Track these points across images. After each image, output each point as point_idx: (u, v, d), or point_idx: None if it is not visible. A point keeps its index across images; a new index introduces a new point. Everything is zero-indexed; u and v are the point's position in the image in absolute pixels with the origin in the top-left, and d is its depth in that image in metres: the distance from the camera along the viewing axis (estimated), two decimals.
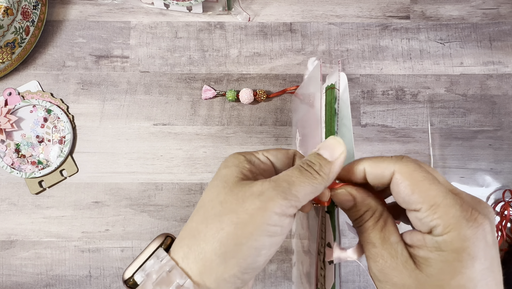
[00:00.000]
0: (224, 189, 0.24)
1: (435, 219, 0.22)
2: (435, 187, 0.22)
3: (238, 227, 0.22)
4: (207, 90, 0.51)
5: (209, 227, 0.23)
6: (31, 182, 0.50)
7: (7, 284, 0.50)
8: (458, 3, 0.54)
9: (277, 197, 0.23)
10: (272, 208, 0.22)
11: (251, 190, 0.23)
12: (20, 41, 0.50)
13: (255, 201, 0.23)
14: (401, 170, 0.23)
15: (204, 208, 0.24)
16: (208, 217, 0.24)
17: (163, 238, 0.26)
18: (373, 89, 0.52)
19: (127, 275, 0.25)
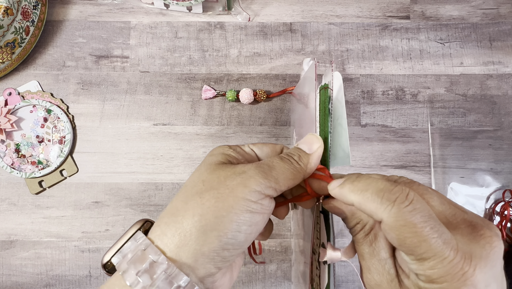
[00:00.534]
0: (206, 170, 0.25)
1: (420, 270, 0.20)
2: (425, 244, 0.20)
3: (219, 200, 0.23)
4: (207, 90, 0.51)
5: (189, 203, 0.24)
6: (31, 182, 0.50)
7: (7, 284, 0.50)
8: (458, 3, 0.54)
9: (257, 175, 0.24)
10: (252, 184, 0.23)
11: (233, 170, 0.24)
12: (20, 41, 0.50)
13: (236, 178, 0.24)
14: (389, 222, 0.21)
15: (185, 188, 0.25)
16: (189, 195, 0.24)
17: (142, 222, 0.27)
18: (373, 89, 0.52)
19: (105, 259, 0.26)
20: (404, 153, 0.52)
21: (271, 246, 0.50)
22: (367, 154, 0.51)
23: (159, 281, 0.22)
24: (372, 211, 0.22)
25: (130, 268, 0.23)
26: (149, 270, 0.22)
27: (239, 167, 0.25)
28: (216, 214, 0.23)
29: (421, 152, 0.52)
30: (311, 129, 0.33)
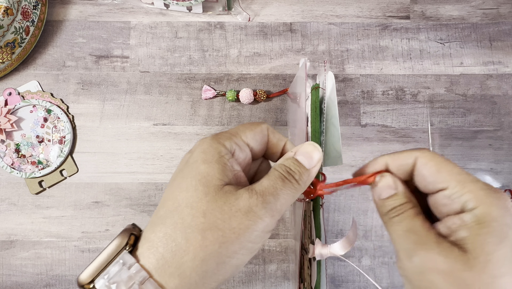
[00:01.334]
0: (206, 196, 0.22)
1: (466, 193, 0.22)
2: (457, 168, 0.23)
3: (223, 247, 0.21)
4: (207, 90, 0.51)
5: (190, 241, 0.21)
6: (31, 182, 0.50)
7: (7, 284, 0.50)
8: (458, 3, 0.54)
9: (265, 215, 0.22)
10: (259, 227, 0.22)
11: (237, 205, 0.22)
12: (20, 41, 0.50)
13: (243, 219, 0.22)
14: (424, 155, 0.23)
15: (180, 214, 0.22)
16: (188, 227, 0.22)
17: (127, 237, 0.23)
18: (373, 89, 0.52)
19: (83, 278, 0.22)
20: None
21: (271, 246, 0.50)
22: (367, 154, 0.51)
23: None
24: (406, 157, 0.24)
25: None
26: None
27: (243, 199, 0.22)
28: (218, 260, 0.21)
29: None
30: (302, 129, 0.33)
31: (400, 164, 0.24)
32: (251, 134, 0.26)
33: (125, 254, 0.22)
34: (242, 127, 0.26)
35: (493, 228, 0.20)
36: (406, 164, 0.24)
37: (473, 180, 0.22)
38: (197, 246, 0.21)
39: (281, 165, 0.24)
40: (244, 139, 0.26)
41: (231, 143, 0.25)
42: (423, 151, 0.24)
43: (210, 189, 0.22)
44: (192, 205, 0.22)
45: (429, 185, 0.23)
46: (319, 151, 0.25)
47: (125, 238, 0.23)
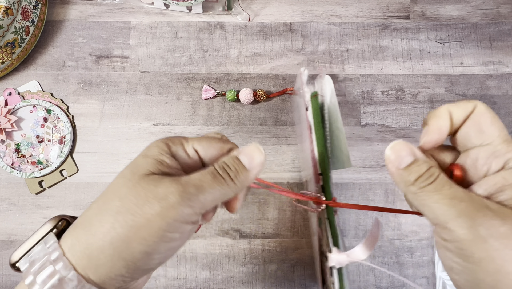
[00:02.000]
0: (128, 182, 0.23)
1: (510, 151, 0.21)
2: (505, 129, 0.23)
3: (132, 230, 0.21)
4: (207, 90, 0.51)
5: (102, 222, 0.22)
6: (31, 182, 0.50)
7: (7, 284, 0.50)
8: (458, 3, 0.54)
9: (181, 204, 0.21)
10: (172, 215, 0.21)
11: (155, 191, 0.22)
12: (20, 41, 0.50)
13: (155, 205, 0.21)
14: (481, 104, 0.23)
15: (104, 198, 0.23)
16: (104, 210, 0.22)
17: (57, 221, 0.24)
18: (373, 89, 0.52)
19: (14, 258, 0.23)
20: None
21: (271, 246, 0.50)
22: (367, 154, 0.51)
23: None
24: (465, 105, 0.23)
25: (37, 281, 0.21)
26: (57, 286, 0.21)
27: (162, 186, 0.22)
28: (126, 244, 0.21)
29: None
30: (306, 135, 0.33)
31: (462, 111, 0.23)
32: (205, 144, 0.25)
33: (50, 235, 0.24)
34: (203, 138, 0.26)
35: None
36: (466, 110, 0.23)
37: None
38: (106, 228, 0.21)
39: (220, 162, 0.24)
40: (196, 146, 0.25)
41: (178, 147, 0.25)
42: (481, 103, 0.23)
43: (135, 176, 0.23)
44: (114, 190, 0.23)
45: (476, 137, 0.22)
46: (262, 153, 0.24)
47: (55, 221, 0.24)
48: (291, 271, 0.50)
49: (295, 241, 0.50)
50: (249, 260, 0.50)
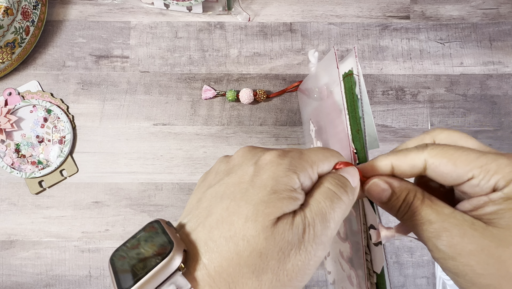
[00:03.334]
0: (264, 232, 0.20)
1: (493, 176, 0.21)
2: (471, 152, 0.22)
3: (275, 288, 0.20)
4: (207, 90, 0.51)
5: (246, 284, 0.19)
6: (31, 182, 0.50)
7: (7, 284, 0.50)
8: (458, 3, 0.54)
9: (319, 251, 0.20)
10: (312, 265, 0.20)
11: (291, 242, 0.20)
12: (20, 41, 0.50)
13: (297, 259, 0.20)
14: (432, 154, 0.23)
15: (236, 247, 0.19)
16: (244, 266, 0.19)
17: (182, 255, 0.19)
18: (373, 89, 0.52)
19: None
20: None
21: None
22: None
23: None
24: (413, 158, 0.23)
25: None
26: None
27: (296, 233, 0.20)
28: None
29: None
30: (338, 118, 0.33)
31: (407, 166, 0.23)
32: (327, 166, 0.23)
33: (178, 276, 0.19)
34: (321, 155, 0.23)
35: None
36: (414, 166, 0.23)
37: (495, 158, 0.21)
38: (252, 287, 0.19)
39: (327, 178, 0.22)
40: (319, 172, 0.23)
41: (306, 177, 0.22)
42: (431, 149, 0.23)
43: (269, 223, 0.20)
44: (249, 240, 0.19)
45: (451, 181, 0.22)
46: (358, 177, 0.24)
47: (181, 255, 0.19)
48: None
49: None
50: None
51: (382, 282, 0.29)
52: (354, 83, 0.31)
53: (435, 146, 0.23)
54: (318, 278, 0.50)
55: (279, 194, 0.20)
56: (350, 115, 0.30)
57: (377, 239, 0.27)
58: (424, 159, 0.23)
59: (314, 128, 0.44)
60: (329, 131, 0.36)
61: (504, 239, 0.20)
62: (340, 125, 0.32)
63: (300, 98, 0.51)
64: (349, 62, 0.32)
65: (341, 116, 0.31)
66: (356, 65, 0.31)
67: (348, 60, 0.32)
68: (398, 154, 0.24)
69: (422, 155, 0.23)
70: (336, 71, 0.32)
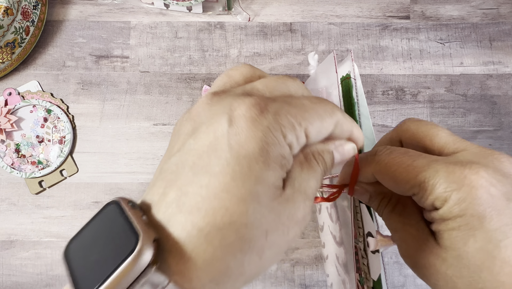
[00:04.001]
0: (269, 212, 0.17)
1: (429, 196, 0.20)
2: (412, 167, 0.21)
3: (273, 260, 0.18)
4: (207, 90, 0.51)
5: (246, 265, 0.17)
6: (31, 182, 0.50)
7: (7, 284, 0.50)
8: (458, 3, 0.54)
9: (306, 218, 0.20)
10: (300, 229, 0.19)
11: (296, 216, 0.18)
12: (20, 41, 0.50)
13: (297, 229, 0.18)
14: (377, 168, 0.22)
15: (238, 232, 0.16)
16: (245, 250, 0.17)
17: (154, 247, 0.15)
18: (373, 89, 0.52)
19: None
20: None
21: None
22: None
23: None
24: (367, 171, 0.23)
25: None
26: None
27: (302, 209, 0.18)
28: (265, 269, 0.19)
29: None
30: None
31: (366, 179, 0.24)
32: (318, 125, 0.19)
33: (154, 273, 0.15)
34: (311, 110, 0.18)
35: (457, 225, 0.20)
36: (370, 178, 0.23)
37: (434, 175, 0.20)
38: (253, 267, 0.17)
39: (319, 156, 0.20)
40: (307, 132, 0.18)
41: (293, 135, 0.18)
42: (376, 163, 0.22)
43: (273, 201, 0.17)
44: (254, 223, 0.17)
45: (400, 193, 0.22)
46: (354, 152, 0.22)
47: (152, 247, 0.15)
48: (291, 271, 0.50)
49: (295, 241, 0.50)
50: None
51: (378, 288, 0.29)
52: (351, 86, 0.31)
53: (381, 157, 0.22)
54: (318, 278, 0.50)
55: (272, 168, 0.17)
56: None
57: (374, 247, 0.27)
58: (372, 172, 0.23)
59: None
60: None
61: (446, 259, 0.20)
62: None
63: None
64: (346, 66, 0.32)
65: None
66: (352, 68, 0.31)
67: (345, 63, 0.32)
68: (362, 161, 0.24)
69: (370, 168, 0.23)
70: (334, 75, 0.32)
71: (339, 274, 0.38)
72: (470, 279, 0.20)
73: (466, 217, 0.19)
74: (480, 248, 0.19)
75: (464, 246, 0.20)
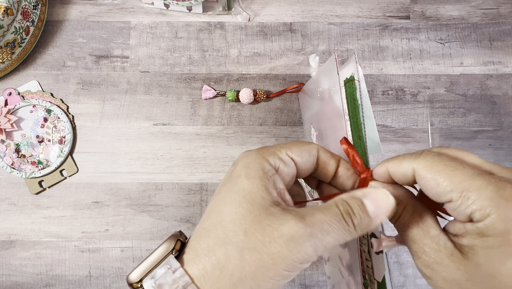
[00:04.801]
0: (249, 215, 0.22)
1: (470, 206, 0.20)
2: (460, 172, 0.20)
3: (260, 271, 0.21)
4: (207, 90, 0.51)
5: (229, 258, 0.21)
6: (31, 182, 0.50)
7: (7, 284, 0.50)
8: (458, 3, 0.54)
9: (308, 249, 0.21)
10: (299, 258, 0.21)
11: (281, 230, 0.21)
12: (20, 41, 0.50)
13: (283, 247, 0.21)
14: (420, 165, 0.22)
15: (223, 229, 0.22)
16: (228, 243, 0.22)
17: (174, 242, 0.24)
18: (373, 89, 0.52)
19: (133, 278, 0.23)
20: (404, 153, 0.52)
21: None
22: None
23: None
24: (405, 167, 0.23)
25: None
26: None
27: (288, 225, 0.21)
28: (254, 282, 0.21)
29: None
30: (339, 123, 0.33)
31: (400, 174, 0.24)
32: (297, 150, 0.25)
33: (171, 258, 0.23)
34: (290, 143, 0.26)
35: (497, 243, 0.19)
36: (405, 175, 0.23)
37: (480, 187, 0.20)
38: (235, 264, 0.21)
39: (343, 202, 0.22)
40: (289, 154, 0.25)
41: (275, 158, 0.24)
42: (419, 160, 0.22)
43: (255, 207, 0.22)
44: (235, 221, 0.22)
45: (434, 198, 0.22)
46: (390, 202, 0.23)
47: (172, 242, 0.24)
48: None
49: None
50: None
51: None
52: (355, 89, 0.31)
53: (429, 155, 0.22)
54: (318, 278, 0.50)
55: (252, 179, 0.23)
56: (352, 121, 0.31)
57: (378, 248, 0.27)
58: (413, 168, 0.23)
59: (315, 133, 0.44)
60: (330, 137, 0.37)
61: (474, 276, 0.20)
62: (341, 130, 0.32)
63: (301, 100, 0.51)
64: (350, 68, 0.32)
65: (342, 122, 0.32)
66: (356, 70, 0.31)
67: (349, 65, 0.32)
68: (394, 160, 0.24)
69: (413, 163, 0.23)
70: (336, 77, 0.32)
71: (343, 276, 0.38)
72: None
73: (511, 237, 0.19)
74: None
75: (501, 266, 0.19)
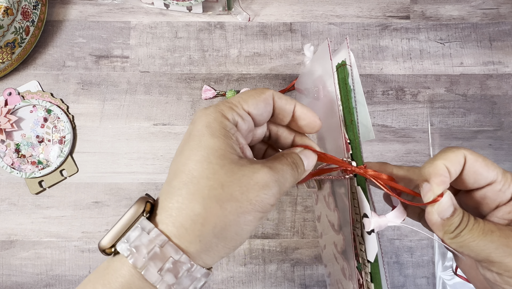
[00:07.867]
0: (222, 169, 0.23)
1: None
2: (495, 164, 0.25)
3: (241, 216, 0.23)
4: (207, 90, 0.51)
5: (210, 211, 0.22)
6: (31, 182, 0.50)
7: (7, 284, 0.50)
8: (458, 3, 0.54)
9: (278, 192, 0.24)
10: (272, 201, 0.24)
11: (255, 178, 0.23)
12: (20, 41, 0.50)
13: (260, 192, 0.23)
14: (469, 152, 0.25)
15: (197, 185, 0.23)
16: (206, 198, 0.22)
17: (143, 204, 0.23)
18: (373, 89, 0.52)
19: (105, 243, 0.23)
20: (404, 153, 0.52)
21: (271, 246, 0.50)
22: (367, 154, 0.51)
23: (183, 278, 0.22)
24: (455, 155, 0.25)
25: (150, 266, 0.22)
26: (173, 269, 0.22)
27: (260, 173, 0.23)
28: (237, 228, 0.23)
29: (421, 152, 0.52)
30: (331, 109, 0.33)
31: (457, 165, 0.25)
32: (253, 102, 0.26)
33: (143, 220, 0.23)
34: (244, 95, 0.26)
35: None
36: (460, 164, 0.25)
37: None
38: (216, 216, 0.22)
39: (290, 154, 0.26)
40: (246, 108, 0.26)
41: (233, 114, 0.25)
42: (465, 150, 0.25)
43: (226, 161, 0.23)
44: (209, 176, 0.23)
45: (481, 180, 0.25)
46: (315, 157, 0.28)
47: (142, 205, 0.23)
48: (291, 271, 0.50)
49: (295, 241, 0.50)
50: (249, 260, 0.50)
51: (376, 271, 0.29)
52: (347, 74, 0.31)
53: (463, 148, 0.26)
54: (318, 278, 0.50)
55: (218, 138, 0.24)
56: (344, 106, 0.31)
57: (368, 227, 0.27)
58: (464, 154, 0.25)
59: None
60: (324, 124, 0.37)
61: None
62: (335, 116, 0.32)
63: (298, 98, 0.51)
64: (342, 54, 0.32)
65: (335, 107, 0.32)
66: (348, 56, 0.31)
67: (341, 51, 0.32)
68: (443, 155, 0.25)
69: (461, 151, 0.25)
70: (329, 63, 0.32)
71: (337, 262, 0.38)
72: None
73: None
74: None
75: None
